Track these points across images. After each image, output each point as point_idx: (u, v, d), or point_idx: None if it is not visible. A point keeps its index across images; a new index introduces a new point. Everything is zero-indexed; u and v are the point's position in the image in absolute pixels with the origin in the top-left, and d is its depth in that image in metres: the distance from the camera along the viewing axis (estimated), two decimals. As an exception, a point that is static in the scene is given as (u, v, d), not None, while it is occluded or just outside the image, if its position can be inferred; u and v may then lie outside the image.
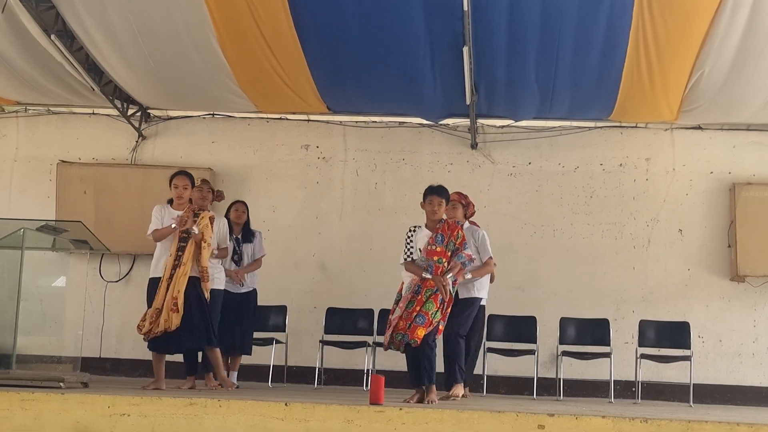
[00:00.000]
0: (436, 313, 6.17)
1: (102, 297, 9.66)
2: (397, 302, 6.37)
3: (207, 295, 6.87)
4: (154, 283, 6.84)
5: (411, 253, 6.41)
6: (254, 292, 8.09)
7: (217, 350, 7.01)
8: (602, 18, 7.55)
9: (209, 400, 4.92)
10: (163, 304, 6.66)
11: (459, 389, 6.71)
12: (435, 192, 6.42)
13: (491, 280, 7.39)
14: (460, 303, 6.78)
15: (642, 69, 8.12)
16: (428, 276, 6.25)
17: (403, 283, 6.47)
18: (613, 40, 7.78)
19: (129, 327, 9.61)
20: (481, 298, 7.21)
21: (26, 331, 7.12)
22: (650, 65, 8.05)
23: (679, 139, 9.62)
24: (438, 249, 6.34)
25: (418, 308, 6.17)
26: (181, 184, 6.88)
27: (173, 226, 6.76)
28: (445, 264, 6.31)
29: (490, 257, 7.23)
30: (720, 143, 9.56)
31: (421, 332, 6.09)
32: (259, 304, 8.27)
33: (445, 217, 6.49)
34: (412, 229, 6.48)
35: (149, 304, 6.80)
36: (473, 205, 7.56)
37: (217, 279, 7.30)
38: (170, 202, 7.05)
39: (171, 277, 6.68)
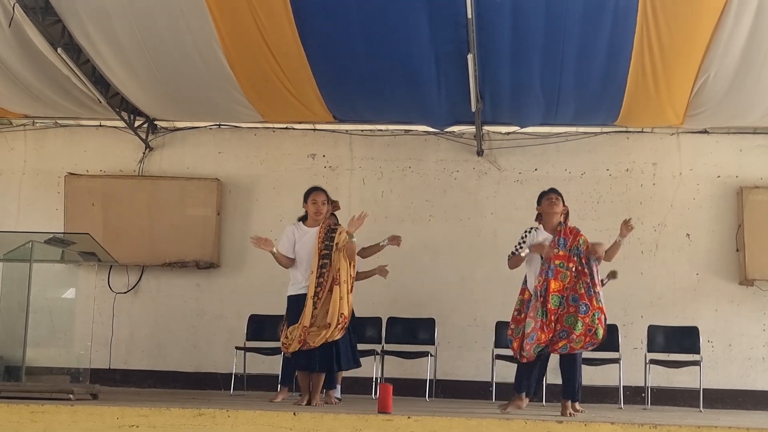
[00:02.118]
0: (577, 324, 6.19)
1: (111, 308, 9.66)
2: (522, 311, 6.31)
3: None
4: (294, 300, 6.63)
5: (519, 250, 6.42)
6: None
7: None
8: (606, 23, 7.54)
9: (218, 411, 4.94)
10: (310, 321, 6.44)
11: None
12: (551, 191, 6.54)
13: None
14: None
15: (647, 73, 8.11)
16: (526, 251, 6.29)
17: (524, 289, 6.43)
18: (617, 44, 7.77)
19: (138, 338, 9.69)
20: None
21: (35, 343, 7.13)
22: (655, 70, 8.04)
23: (686, 143, 9.60)
24: (561, 253, 6.29)
25: (554, 319, 6.14)
26: (319, 200, 6.74)
27: (275, 251, 6.62)
28: (572, 268, 6.25)
29: None
30: (727, 147, 9.53)
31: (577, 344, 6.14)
32: (266, 313, 8.25)
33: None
34: (529, 230, 6.50)
35: (290, 321, 6.59)
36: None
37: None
38: (301, 219, 6.86)
39: (316, 294, 6.48)
